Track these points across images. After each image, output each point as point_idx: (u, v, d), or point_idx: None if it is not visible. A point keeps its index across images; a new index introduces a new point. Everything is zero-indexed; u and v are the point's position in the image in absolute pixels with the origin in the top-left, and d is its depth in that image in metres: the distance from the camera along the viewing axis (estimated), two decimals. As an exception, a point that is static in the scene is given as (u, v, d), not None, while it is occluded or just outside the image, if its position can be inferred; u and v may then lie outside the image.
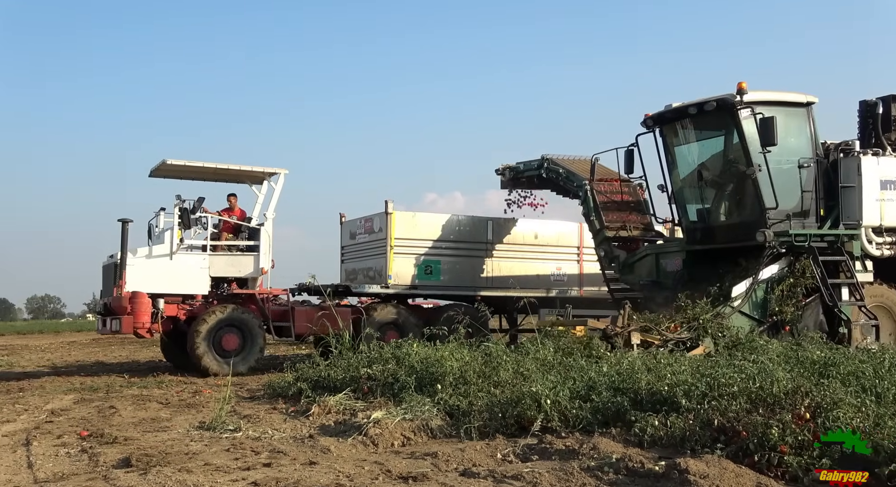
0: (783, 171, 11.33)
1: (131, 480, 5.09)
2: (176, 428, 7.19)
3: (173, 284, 12.91)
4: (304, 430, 6.84)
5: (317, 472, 5.23)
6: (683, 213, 12.61)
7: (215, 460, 5.67)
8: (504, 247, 15.54)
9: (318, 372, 9.13)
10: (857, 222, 11.40)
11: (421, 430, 6.43)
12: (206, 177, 14.43)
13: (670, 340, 9.74)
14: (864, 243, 11.49)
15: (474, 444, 5.92)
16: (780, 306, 10.83)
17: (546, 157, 15.05)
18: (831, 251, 11.24)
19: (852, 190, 11.49)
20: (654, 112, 12.32)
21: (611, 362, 7.73)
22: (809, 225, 11.28)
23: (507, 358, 8.06)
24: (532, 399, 6.36)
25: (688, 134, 12.43)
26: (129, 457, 5.71)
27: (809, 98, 11.55)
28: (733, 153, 11.60)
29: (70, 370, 14.88)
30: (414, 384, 7.68)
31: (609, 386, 6.67)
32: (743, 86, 10.98)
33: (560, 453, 5.47)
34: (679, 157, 12.47)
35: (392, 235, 14.54)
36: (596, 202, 13.56)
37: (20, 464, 5.79)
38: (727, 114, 11.24)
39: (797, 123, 11.51)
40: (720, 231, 12.12)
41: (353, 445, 6.14)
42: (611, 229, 13.48)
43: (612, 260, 13.46)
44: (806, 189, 11.31)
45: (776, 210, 11.07)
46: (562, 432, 6.05)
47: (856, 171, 11.47)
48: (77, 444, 6.51)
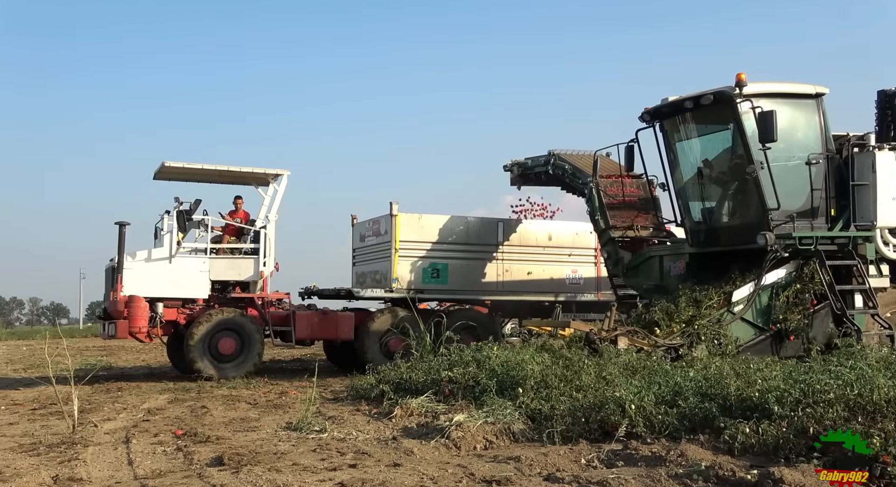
0: (790, 169, 10.50)
1: (224, 478, 5.27)
2: (264, 428, 7.41)
3: (172, 288, 12.67)
4: (388, 432, 6.93)
5: (401, 474, 5.29)
6: (686, 214, 11.75)
7: (303, 460, 5.82)
8: (516, 250, 14.94)
9: (400, 374, 9.22)
10: (871, 223, 10.51)
11: (503, 434, 6.43)
12: (209, 179, 14.20)
13: (661, 346, 9.20)
14: (880, 246, 10.62)
15: (557, 449, 5.87)
16: (785, 314, 10.11)
17: (553, 152, 14.45)
18: (842, 254, 10.43)
19: (866, 188, 10.58)
20: (652, 106, 11.48)
21: (697, 367, 7.54)
22: (819, 226, 10.45)
23: (588, 363, 7.97)
24: (616, 404, 6.26)
25: (688, 129, 11.54)
26: (222, 456, 5.92)
27: (819, 89, 10.62)
28: (734, 150, 10.80)
29: (164, 370, 15.51)
30: (495, 387, 7.67)
31: (696, 392, 6.50)
32: (742, 78, 10.16)
33: (646, 459, 5.36)
34: (680, 154, 11.65)
35: (396, 237, 14.17)
36: (601, 200, 12.89)
37: (121, 461, 6.08)
38: (726, 107, 10.43)
39: (805, 116, 10.66)
40: (723, 232, 11.32)
41: (436, 448, 6.19)
42: (618, 229, 12.72)
43: (616, 262, 12.77)
44: (815, 187, 10.41)
45: (779, 210, 10.23)
46: (647, 438, 5.93)
47: (870, 168, 10.54)
48: (172, 442, 6.79)
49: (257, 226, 13.42)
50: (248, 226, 13.55)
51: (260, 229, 13.33)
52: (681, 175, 11.69)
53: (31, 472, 5.61)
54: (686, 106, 10.89)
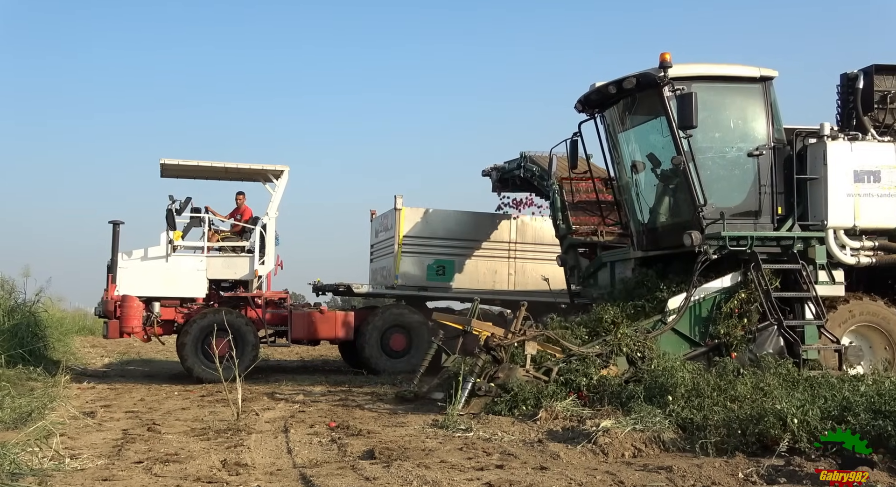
0: (728, 161, 9.39)
1: (376, 472, 5.46)
2: (412, 425, 7.60)
3: (169, 287, 12.44)
4: (533, 434, 6.91)
5: (548, 477, 5.26)
6: (631, 213, 10.65)
7: (450, 458, 5.92)
8: (530, 248, 14.19)
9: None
10: (821, 222, 9.17)
11: (652, 442, 6.23)
12: (209, 175, 13.84)
13: (574, 354, 8.30)
14: (833, 248, 9.21)
15: (712, 461, 5.62)
16: (726, 327, 8.90)
17: (524, 155, 13.56)
18: (787, 258, 9.13)
19: (817, 183, 9.24)
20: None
21: (868, 382, 6.98)
22: (763, 226, 9.22)
23: (744, 372, 7.58)
24: (776, 416, 5.91)
25: (624, 118, 10.40)
26: (373, 450, 6.13)
27: (765, 72, 9.41)
28: (664, 140, 9.60)
29: (316, 364, 16.29)
30: (643, 394, 7.46)
31: (868, 408, 6.01)
32: (666, 58, 9.08)
33: (812, 477, 5.03)
34: (623, 147, 10.54)
35: (400, 233, 13.76)
36: (563, 202, 12.00)
37: (281, 449, 6.44)
38: (654, 92, 9.33)
39: (749, 103, 9.47)
40: (663, 234, 10.16)
41: (583, 453, 6.10)
42: (581, 234, 11.81)
43: (572, 269, 11.76)
44: (760, 182, 9.31)
45: (711, 207, 9.11)
46: (812, 454, 5.56)
47: (821, 160, 9.18)
48: (327, 434, 7.11)
49: (257, 224, 12.93)
50: (243, 224, 13.18)
51: (254, 227, 12.90)
52: (624, 171, 10.70)
53: (203, 455, 6.07)
54: (610, 91, 9.92)
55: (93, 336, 22.85)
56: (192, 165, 13.17)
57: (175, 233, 12.50)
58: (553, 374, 8.12)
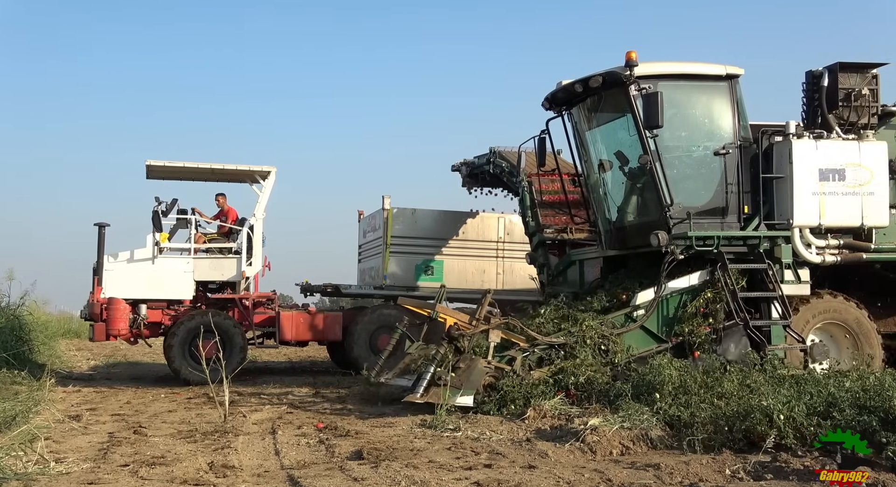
0: (694, 160, 9.42)
1: (364, 472, 5.44)
2: (400, 425, 7.58)
3: (155, 289, 12.32)
4: (521, 433, 6.92)
5: (537, 476, 5.27)
6: (599, 212, 10.62)
7: (438, 458, 5.91)
8: (518, 247, 13.98)
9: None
10: (787, 221, 9.20)
11: (640, 440, 6.26)
12: (195, 177, 13.72)
13: (538, 344, 8.34)
14: (799, 247, 9.22)
15: (699, 458, 5.65)
16: (690, 325, 8.93)
17: (493, 150, 13.53)
18: (752, 257, 9.18)
19: (782, 181, 9.26)
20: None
21: (853, 377, 7.03)
22: (730, 224, 9.25)
23: (731, 369, 7.62)
24: (762, 413, 5.95)
25: (591, 117, 10.37)
26: (361, 450, 6.12)
27: (731, 70, 9.36)
28: (631, 139, 9.57)
29: (304, 365, 16.24)
30: (630, 392, 7.49)
31: (853, 404, 6.07)
32: (632, 57, 9.04)
33: (798, 473, 5.07)
34: (590, 145, 10.52)
35: (388, 233, 13.78)
36: (533, 199, 11.92)
37: (269, 451, 6.41)
38: (619, 91, 9.33)
39: (715, 101, 9.46)
40: (630, 233, 10.11)
41: (571, 451, 6.12)
42: (551, 231, 11.76)
43: (542, 267, 11.70)
44: (727, 181, 9.29)
45: (678, 207, 9.14)
46: (798, 450, 5.60)
47: (787, 158, 9.21)
48: (315, 435, 7.08)
49: (244, 225, 12.85)
50: (230, 225, 13.07)
51: (240, 228, 12.82)
52: (591, 169, 10.66)
53: (190, 458, 6.03)
54: (576, 89, 9.89)
55: (78, 339, 22.69)
56: (178, 166, 13.06)
57: (161, 234, 12.38)
58: (516, 364, 8.13)
